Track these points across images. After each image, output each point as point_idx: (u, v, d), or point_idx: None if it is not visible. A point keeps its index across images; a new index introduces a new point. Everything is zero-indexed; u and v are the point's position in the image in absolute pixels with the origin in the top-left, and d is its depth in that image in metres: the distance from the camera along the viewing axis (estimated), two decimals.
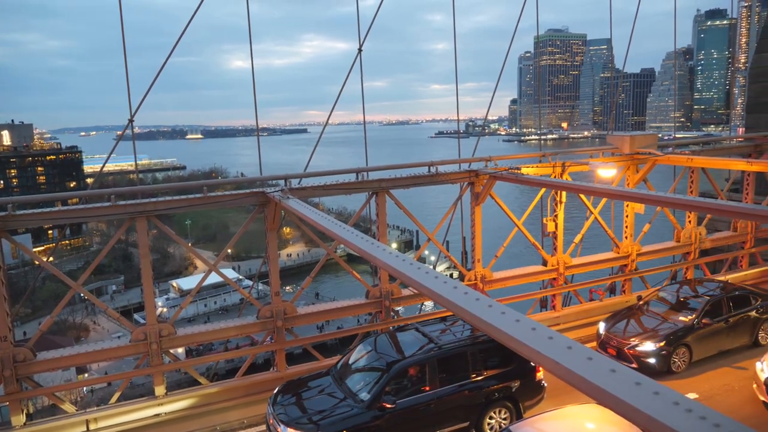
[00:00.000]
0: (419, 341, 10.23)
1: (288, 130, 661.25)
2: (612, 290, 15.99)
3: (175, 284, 77.62)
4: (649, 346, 11.96)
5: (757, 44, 32.23)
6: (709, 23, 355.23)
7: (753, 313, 12.92)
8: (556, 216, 14.43)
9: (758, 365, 10.76)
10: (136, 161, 14.77)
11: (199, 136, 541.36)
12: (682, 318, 12.62)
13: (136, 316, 65.38)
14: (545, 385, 10.41)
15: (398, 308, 13.49)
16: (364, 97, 15.17)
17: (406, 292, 12.65)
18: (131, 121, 12.68)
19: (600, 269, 15.75)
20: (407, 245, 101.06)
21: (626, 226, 15.50)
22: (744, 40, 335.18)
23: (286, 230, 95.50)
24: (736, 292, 13.28)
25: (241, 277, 73.63)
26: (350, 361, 10.37)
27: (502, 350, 10.01)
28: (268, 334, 11.87)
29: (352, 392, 9.45)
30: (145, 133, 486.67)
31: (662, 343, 11.91)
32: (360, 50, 14.50)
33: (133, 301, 77.91)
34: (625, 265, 15.62)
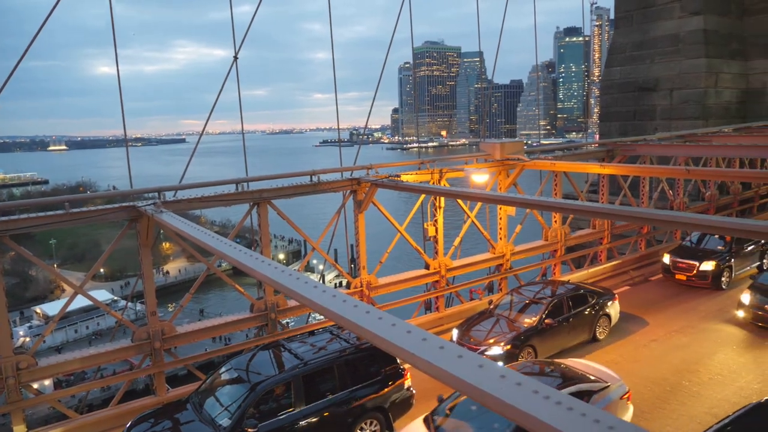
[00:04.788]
0: (284, 358, 9.83)
1: (164, 140, 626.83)
2: (490, 289, 16.90)
3: (38, 310, 70.46)
4: (496, 350, 12.26)
5: (606, 60, 35.88)
6: (567, 39, 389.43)
7: (590, 311, 13.80)
8: (436, 221, 15.01)
9: None
10: None
11: (64, 147, 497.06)
12: (527, 320, 13.05)
13: None
14: (414, 392, 10.47)
15: (287, 320, 13.28)
16: (241, 105, 14.84)
17: (291, 303, 12.49)
18: None
19: (478, 269, 16.58)
20: (295, 255, 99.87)
21: (500, 228, 16.47)
22: (597, 55, 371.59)
23: (166, 245, 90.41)
24: (576, 292, 14.10)
25: (116, 297, 68.53)
26: (211, 386, 9.81)
27: (370, 361, 10.03)
28: (145, 357, 11.16)
29: (211, 419, 8.89)
30: None
31: (509, 346, 12.29)
32: (236, 58, 14.19)
33: None
34: (501, 265, 16.58)
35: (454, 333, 13.40)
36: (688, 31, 30.44)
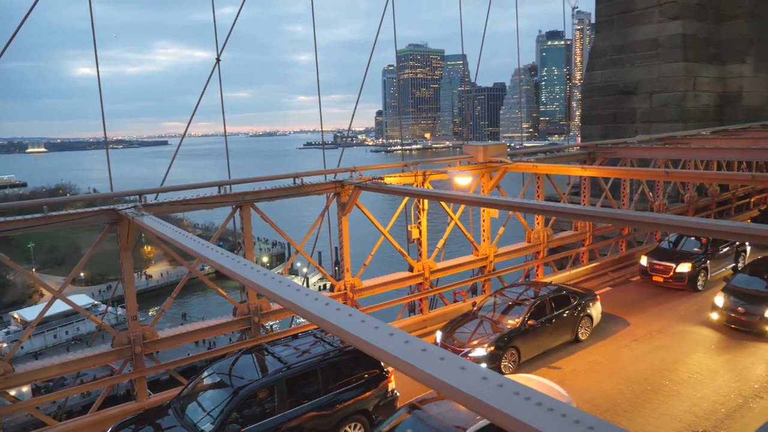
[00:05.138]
0: (267, 362, 9.76)
1: (146, 143, 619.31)
2: (474, 291, 16.98)
3: (16, 315, 69.23)
4: (480, 351, 12.31)
5: (587, 63, 36.30)
6: (549, 43, 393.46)
7: (572, 312, 13.88)
8: (419, 223, 15.03)
9: None
10: None
11: (43, 149, 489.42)
12: (510, 321, 13.08)
13: None
14: (398, 394, 10.46)
15: (271, 323, 13.21)
16: (224, 107, 14.77)
17: (275, 306, 12.42)
18: None
19: (462, 271, 16.64)
20: (279, 258, 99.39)
21: (483, 230, 16.54)
22: (578, 59, 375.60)
23: (148, 249, 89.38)
24: (559, 293, 14.17)
25: (96, 302, 67.55)
26: (192, 391, 9.70)
27: (354, 364, 10.01)
28: (126, 362, 11.03)
29: (193, 424, 8.79)
30: None
31: (492, 348, 12.32)
32: (218, 60, 14.10)
33: None
34: (485, 267, 16.65)
35: (438, 335, 13.42)
36: (666, 35, 30.93)
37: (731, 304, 14.48)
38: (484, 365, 11.98)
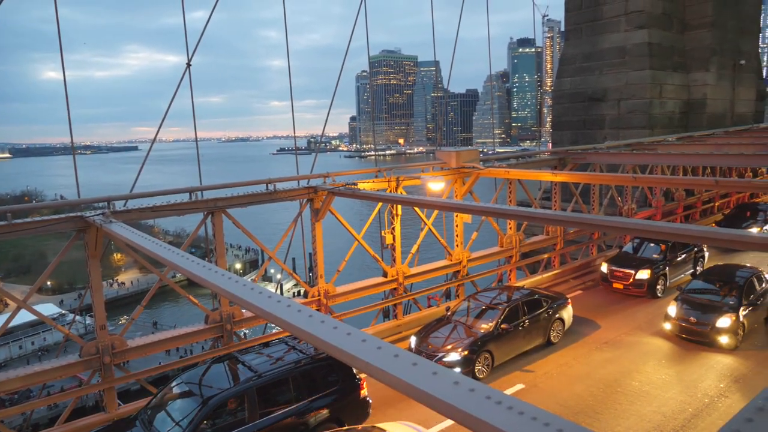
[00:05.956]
0: (238, 371, 9.66)
1: (116, 148, 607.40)
2: (448, 295, 17.06)
3: None
4: (454, 356, 12.37)
5: (557, 71, 36.97)
6: (520, 50, 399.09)
7: (545, 315, 14.06)
8: (393, 228, 15.07)
9: None
10: None
11: (7, 155, 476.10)
12: (483, 326, 13.19)
13: None
14: (370, 401, 10.44)
15: (244, 330, 13.05)
16: (195, 112, 14.60)
17: (247, 313, 12.29)
18: None
19: (436, 276, 16.72)
20: (252, 265, 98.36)
21: (457, 235, 16.66)
22: (549, 66, 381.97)
23: (117, 256, 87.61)
24: (531, 297, 14.33)
25: (64, 311, 65.89)
26: (161, 401, 9.53)
27: (326, 371, 9.96)
28: (94, 372, 10.78)
29: None
30: None
31: (466, 352, 12.40)
32: (189, 64, 13.94)
33: None
34: (458, 271, 16.76)
35: (413, 340, 13.45)
36: (633, 43, 31.69)
37: (683, 314, 14.34)
38: (458, 369, 12.07)
